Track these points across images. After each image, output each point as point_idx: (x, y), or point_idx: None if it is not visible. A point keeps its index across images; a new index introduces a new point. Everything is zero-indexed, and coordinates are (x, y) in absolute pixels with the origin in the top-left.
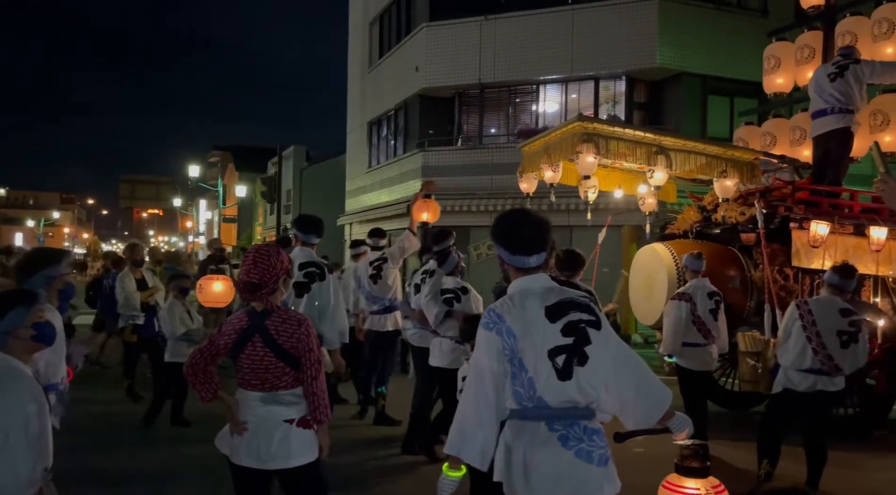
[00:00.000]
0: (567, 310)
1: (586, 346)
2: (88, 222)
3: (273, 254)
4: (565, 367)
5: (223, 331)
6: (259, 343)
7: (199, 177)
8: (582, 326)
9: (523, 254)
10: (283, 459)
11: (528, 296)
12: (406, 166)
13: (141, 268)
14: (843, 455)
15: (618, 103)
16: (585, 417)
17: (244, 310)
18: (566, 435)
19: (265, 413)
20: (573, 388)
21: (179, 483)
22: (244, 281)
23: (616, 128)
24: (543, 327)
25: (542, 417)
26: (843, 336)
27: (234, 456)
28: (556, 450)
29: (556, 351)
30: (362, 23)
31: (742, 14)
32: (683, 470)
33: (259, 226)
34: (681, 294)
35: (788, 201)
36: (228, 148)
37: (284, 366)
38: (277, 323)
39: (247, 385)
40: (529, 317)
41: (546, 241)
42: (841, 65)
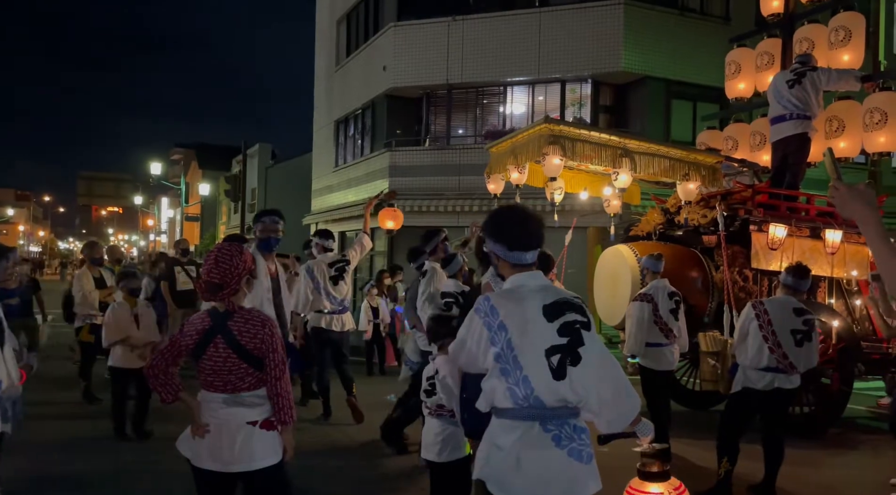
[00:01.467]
0: (564, 310)
1: (580, 347)
2: (45, 220)
3: (236, 253)
4: (559, 367)
5: (185, 332)
6: (221, 344)
7: (161, 175)
8: (577, 327)
9: (521, 250)
10: (247, 462)
11: (526, 294)
12: (373, 166)
13: (100, 267)
14: (799, 452)
15: (584, 106)
16: (574, 416)
17: (206, 311)
18: (559, 435)
19: (228, 415)
20: (566, 388)
21: (140, 487)
22: (205, 281)
23: (582, 131)
24: (541, 326)
25: (536, 418)
26: (798, 334)
27: (195, 460)
28: (550, 451)
29: (552, 350)
30: (329, 21)
31: (705, 21)
32: (645, 474)
33: (223, 224)
34: (642, 295)
35: (748, 204)
36: (192, 145)
37: (247, 367)
38: (240, 323)
39: (209, 386)
40: (528, 314)
41: (542, 238)
42: (799, 72)
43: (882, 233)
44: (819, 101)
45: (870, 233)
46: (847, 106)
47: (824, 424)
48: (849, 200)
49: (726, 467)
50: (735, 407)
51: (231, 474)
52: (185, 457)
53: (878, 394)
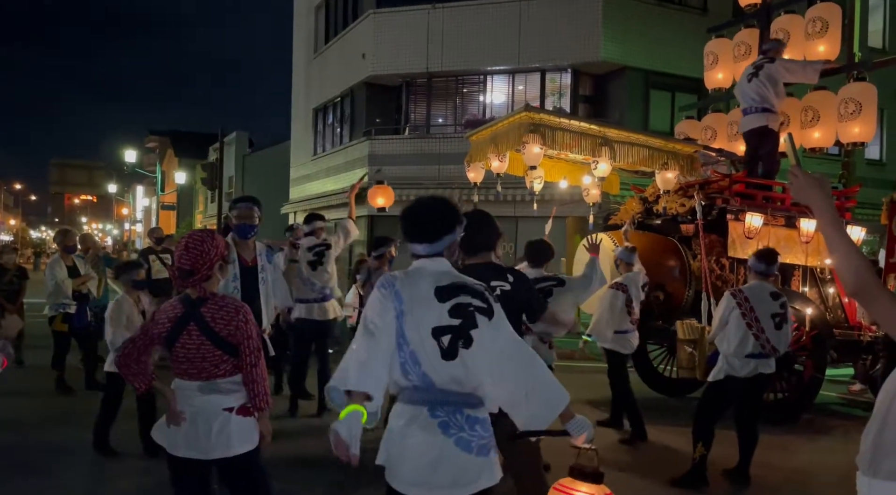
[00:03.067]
0: (458, 292)
1: (472, 330)
2: (15, 208)
3: (207, 239)
4: (450, 347)
5: (157, 320)
6: (195, 331)
7: (135, 163)
8: (471, 310)
9: (413, 242)
10: (224, 448)
11: (422, 275)
12: (352, 154)
13: (73, 255)
14: (772, 438)
15: (563, 95)
16: (470, 405)
17: (177, 298)
18: (447, 423)
19: (204, 402)
20: (458, 368)
21: (114, 478)
22: (177, 267)
23: (562, 120)
24: (430, 305)
25: (426, 402)
26: (776, 318)
27: (171, 448)
28: (435, 437)
29: (440, 330)
30: (307, 7)
31: (683, 11)
32: (578, 473)
33: (200, 213)
34: (619, 284)
35: (726, 193)
36: (167, 133)
37: (222, 354)
38: (213, 310)
39: (184, 374)
40: (419, 292)
41: (438, 232)
42: (758, 65)
43: (836, 222)
44: (779, 92)
45: (824, 222)
46: (822, 96)
47: (797, 410)
48: (806, 187)
49: (701, 452)
50: (715, 395)
51: (207, 461)
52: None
53: (849, 381)
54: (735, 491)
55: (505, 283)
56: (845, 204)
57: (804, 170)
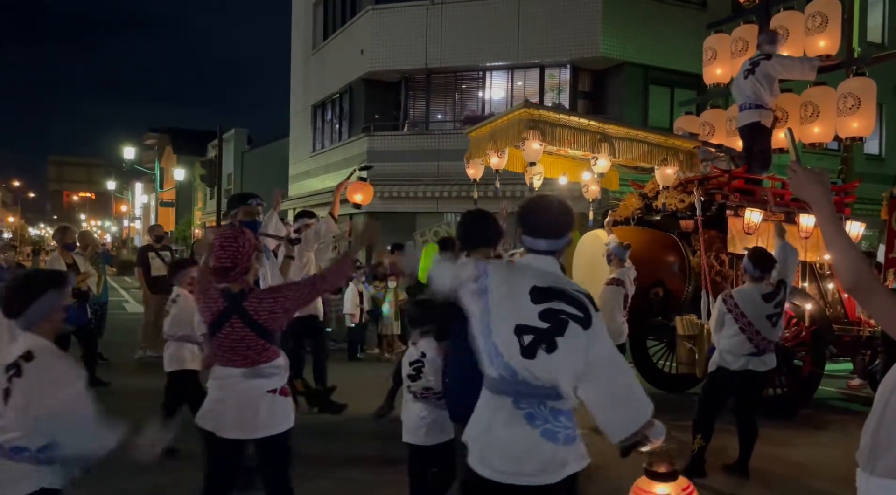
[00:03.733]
0: (553, 297)
1: (558, 337)
2: (14, 206)
3: (238, 235)
4: (530, 347)
5: (199, 310)
6: (238, 323)
7: (134, 160)
8: (562, 317)
9: (532, 236)
10: (271, 427)
11: (525, 271)
12: (351, 151)
13: (72, 253)
14: (772, 432)
15: (562, 91)
16: (552, 398)
17: (218, 290)
18: (532, 414)
19: (248, 387)
20: (535, 366)
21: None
22: (216, 266)
23: (561, 116)
24: (522, 302)
25: (511, 393)
26: (773, 317)
27: (220, 431)
28: (522, 428)
29: (524, 329)
30: (305, 3)
31: (682, 7)
32: (652, 474)
33: (199, 210)
34: (616, 280)
35: (725, 189)
36: (166, 130)
37: (265, 343)
38: (255, 303)
39: (227, 362)
40: (515, 288)
41: (563, 230)
42: (754, 61)
43: (834, 217)
44: (773, 90)
45: (822, 217)
46: (821, 91)
47: (796, 405)
48: (805, 182)
49: (700, 443)
50: (711, 387)
51: (248, 441)
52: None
53: (848, 376)
54: (735, 484)
55: None
56: (844, 199)
57: (803, 166)
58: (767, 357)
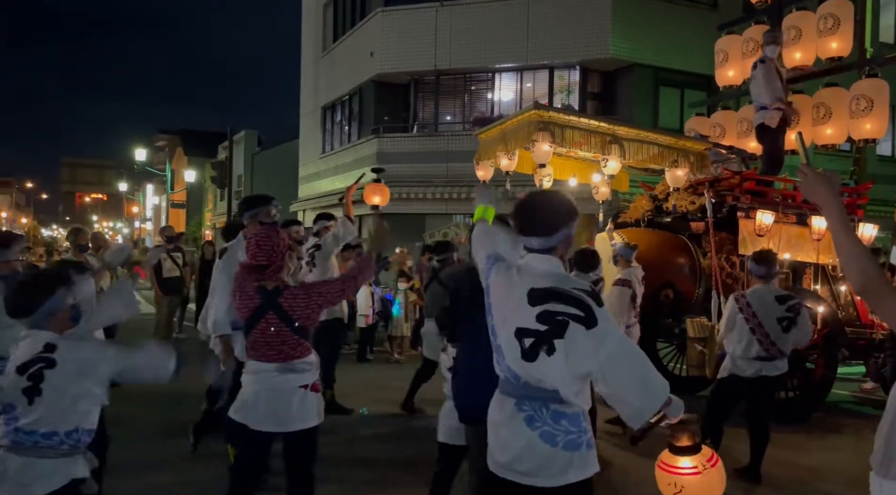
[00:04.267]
0: (550, 299)
1: (556, 339)
2: (27, 207)
3: (273, 234)
4: (531, 350)
5: (237, 309)
6: (273, 319)
7: (145, 161)
8: (560, 319)
9: (523, 234)
10: (303, 420)
11: (525, 272)
12: (360, 152)
13: (85, 254)
14: (784, 436)
15: (572, 93)
16: (556, 401)
17: (252, 288)
18: (532, 417)
19: (282, 381)
20: (536, 370)
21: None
22: (253, 265)
23: (571, 117)
24: (520, 305)
25: (515, 395)
26: (784, 322)
27: (254, 424)
28: (521, 429)
29: (524, 332)
30: (316, 5)
31: (693, 8)
32: (676, 448)
33: (209, 211)
34: (623, 280)
35: (736, 191)
36: (177, 132)
37: (299, 339)
38: (290, 299)
39: (262, 357)
40: (513, 290)
41: (554, 226)
42: (754, 64)
43: (844, 221)
44: (773, 89)
45: (832, 220)
46: (833, 93)
47: (808, 408)
48: (815, 185)
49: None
50: (721, 393)
51: (278, 434)
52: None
53: (861, 379)
54: (746, 489)
55: None
56: (857, 201)
57: (814, 169)
58: (780, 361)
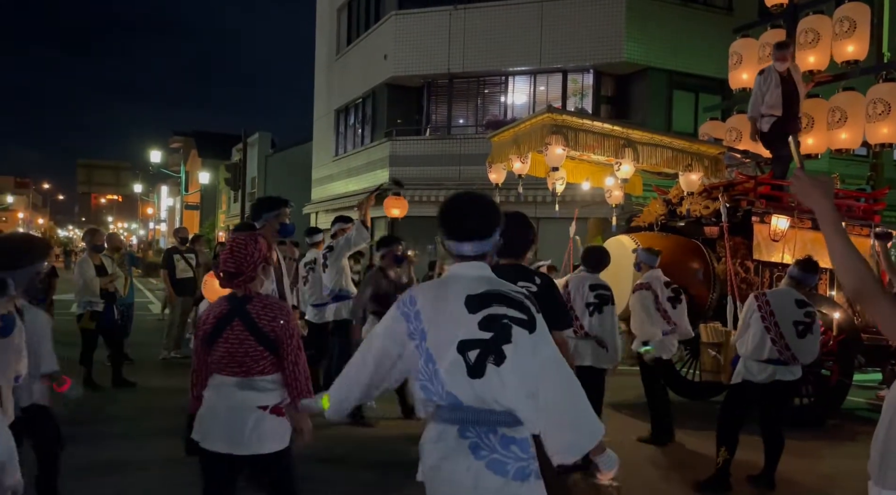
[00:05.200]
0: (490, 302)
1: (504, 344)
2: (44, 207)
3: (250, 242)
4: (477, 364)
5: (204, 320)
6: (239, 327)
7: (160, 163)
8: (505, 322)
9: (455, 240)
10: (256, 446)
11: (455, 282)
12: (374, 155)
13: (100, 254)
14: (798, 443)
15: (585, 96)
16: (505, 424)
17: (223, 297)
18: (477, 444)
19: (241, 399)
20: (484, 388)
21: (140, 474)
22: (223, 269)
23: (585, 121)
24: (458, 316)
25: (456, 421)
26: (800, 326)
27: (205, 442)
28: (465, 460)
29: (467, 344)
30: (330, 9)
31: (707, 11)
32: None
33: (222, 213)
34: (641, 284)
35: (751, 195)
36: (191, 134)
37: (263, 350)
38: (259, 308)
39: (223, 370)
40: (447, 302)
41: (487, 230)
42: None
43: (839, 226)
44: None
45: (826, 225)
46: (849, 97)
47: (823, 415)
48: (810, 190)
49: (725, 456)
50: (735, 399)
51: (239, 457)
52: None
53: (877, 386)
54: None
55: (532, 285)
56: (874, 206)
57: (807, 173)
58: (794, 366)
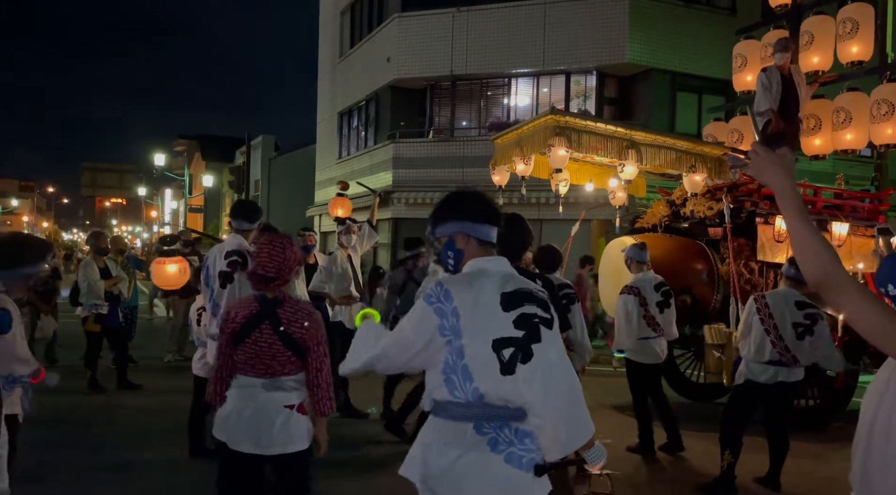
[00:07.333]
0: (523, 301)
1: (534, 343)
2: (48, 211)
3: (287, 246)
4: (510, 362)
5: (230, 317)
6: (268, 330)
7: (164, 166)
8: (535, 321)
9: (489, 224)
10: (284, 444)
11: (484, 278)
12: (377, 157)
13: (104, 257)
14: (804, 445)
15: (588, 98)
16: (516, 418)
17: (253, 296)
18: (495, 439)
19: (267, 399)
20: (511, 385)
21: (145, 476)
22: (260, 274)
23: (588, 122)
24: (494, 314)
25: (471, 418)
26: (799, 328)
27: (232, 443)
28: (485, 456)
29: (503, 342)
30: (333, 11)
31: (711, 12)
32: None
33: (226, 216)
34: (628, 287)
35: (755, 196)
36: (195, 137)
37: (291, 355)
38: (289, 312)
39: (250, 371)
40: (483, 300)
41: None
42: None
43: (800, 207)
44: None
45: (786, 206)
46: (854, 97)
47: (829, 417)
48: (768, 167)
49: (729, 460)
50: (738, 400)
51: (264, 457)
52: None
53: None
54: None
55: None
56: (879, 207)
57: (766, 148)
58: (796, 368)
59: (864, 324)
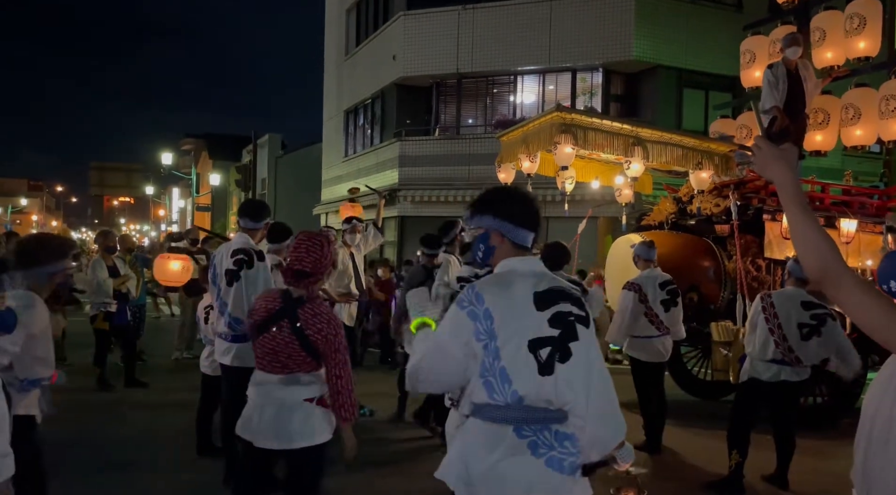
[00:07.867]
0: (557, 299)
1: (571, 342)
2: (57, 210)
3: (325, 244)
4: (548, 362)
5: (255, 309)
6: (287, 328)
7: (171, 165)
8: (571, 319)
9: (527, 229)
10: (308, 437)
11: (516, 278)
12: (383, 155)
13: (112, 256)
14: (812, 443)
15: (594, 95)
16: (557, 420)
17: (278, 290)
18: (536, 442)
19: (286, 395)
20: (551, 386)
21: (153, 472)
22: (295, 269)
23: (594, 120)
24: (528, 314)
25: (511, 421)
26: (804, 328)
27: (258, 441)
28: (525, 459)
29: (539, 342)
30: (339, 10)
31: (717, 8)
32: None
33: (233, 214)
34: (630, 283)
35: (762, 193)
36: (202, 135)
37: (307, 356)
38: (309, 314)
39: (267, 367)
40: (516, 300)
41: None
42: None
43: (800, 200)
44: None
45: (787, 199)
46: (863, 93)
47: (838, 415)
48: (771, 160)
49: (737, 459)
50: (744, 398)
51: (282, 451)
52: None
53: None
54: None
55: None
56: (888, 203)
57: (768, 142)
58: (800, 368)
59: (865, 318)
